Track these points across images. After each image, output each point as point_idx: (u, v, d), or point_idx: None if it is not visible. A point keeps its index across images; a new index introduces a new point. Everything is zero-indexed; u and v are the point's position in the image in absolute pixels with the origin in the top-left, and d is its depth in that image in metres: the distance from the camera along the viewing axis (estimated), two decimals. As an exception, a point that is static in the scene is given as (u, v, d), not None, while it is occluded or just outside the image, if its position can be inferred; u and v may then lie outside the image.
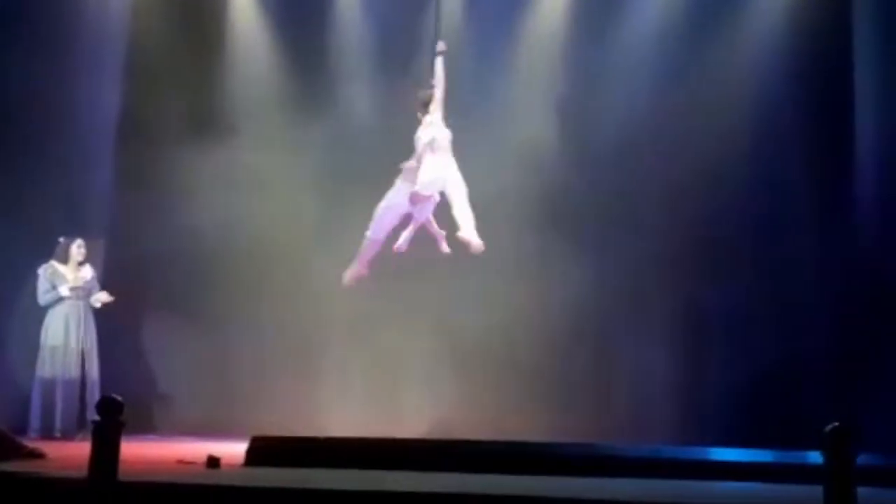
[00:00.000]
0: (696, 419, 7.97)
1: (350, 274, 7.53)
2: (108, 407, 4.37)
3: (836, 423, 4.22)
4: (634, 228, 8.29)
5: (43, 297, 7.64)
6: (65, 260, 7.73)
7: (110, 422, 4.35)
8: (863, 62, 8.07)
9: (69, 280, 7.68)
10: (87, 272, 7.78)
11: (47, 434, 7.37)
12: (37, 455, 5.80)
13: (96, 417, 4.49)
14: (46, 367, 7.55)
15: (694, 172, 8.26)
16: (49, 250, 7.76)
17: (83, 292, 7.72)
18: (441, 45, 7.30)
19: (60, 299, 7.64)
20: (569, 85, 8.56)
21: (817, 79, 8.24)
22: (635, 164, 8.39)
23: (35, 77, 7.89)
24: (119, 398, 4.42)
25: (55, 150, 8.05)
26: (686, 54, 8.44)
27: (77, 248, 7.76)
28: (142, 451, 6.12)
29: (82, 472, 4.54)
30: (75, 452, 5.66)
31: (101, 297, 7.78)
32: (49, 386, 7.52)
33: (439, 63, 7.23)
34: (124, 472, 4.53)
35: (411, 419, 8.19)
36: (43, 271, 7.67)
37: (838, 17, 8.21)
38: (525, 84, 8.61)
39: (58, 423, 7.46)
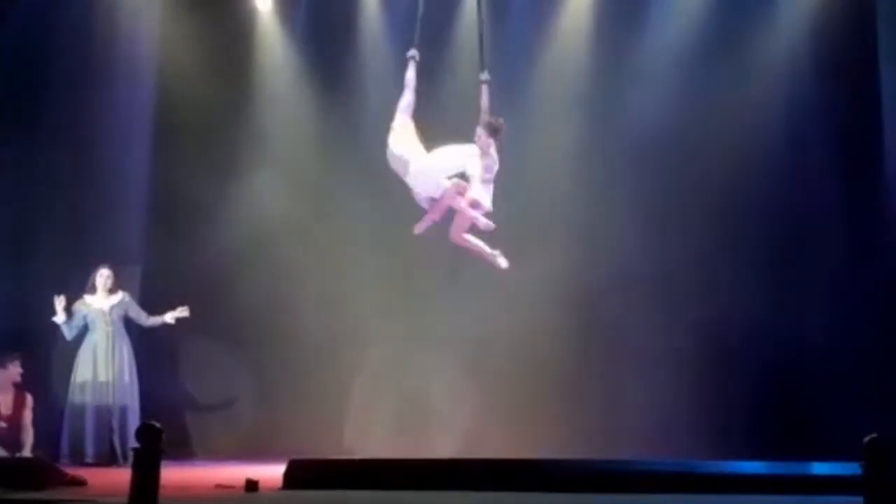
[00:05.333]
0: (727, 431, 7.90)
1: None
2: (148, 434, 4.41)
3: (875, 434, 4.19)
4: (661, 238, 8.27)
5: (65, 331, 7.70)
6: (93, 291, 7.76)
7: (150, 448, 4.39)
8: (888, 60, 8.00)
9: (95, 310, 7.69)
10: (115, 299, 7.78)
11: (77, 460, 7.40)
12: (78, 482, 5.86)
13: (135, 444, 4.53)
14: (76, 396, 7.60)
15: (720, 177, 8.23)
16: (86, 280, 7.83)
17: (111, 318, 7.71)
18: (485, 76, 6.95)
19: (86, 328, 7.68)
20: (595, 90, 8.55)
21: (844, 78, 8.20)
22: (661, 172, 8.37)
23: (69, 108, 8.10)
24: (158, 425, 4.46)
25: (89, 180, 8.21)
26: (712, 57, 8.40)
27: (100, 278, 7.75)
28: (180, 477, 6.13)
29: (122, 498, 4.58)
30: (115, 479, 5.72)
31: (175, 314, 7.80)
32: (78, 413, 7.56)
33: (485, 91, 7.01)
34: (164, 498, 4.56)
35: (442, 438, 8.19)
36: (76, 307, 7.71)
37: (863, 16, 8.17)
38: (550, 90, 8.62)
39: (88, 450, 7.50)
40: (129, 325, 7.88)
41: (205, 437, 8.52)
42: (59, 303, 7.60)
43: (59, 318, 7.63)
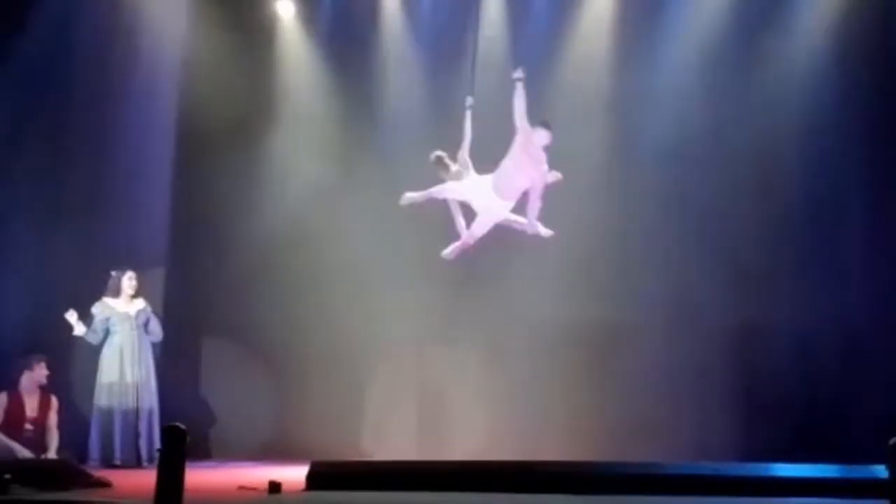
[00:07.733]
0: (751, 432, 7.84)
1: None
2: (174, 436, 4.44)
3: (901, 437, 4.17)
4: (687, 238, 8.21)
5: (90, 338, 7.75)
6: (116, 293, 7.81)
7: (175, 450, 4.42)
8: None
9: (120, 314, 7.75)
10: (139, 304, 7.84)
11: (107, 463, 7.46)
12: (103, 484, 5.91)
13: (158, 446, 4.56)
14: (104, 399, 7.64)
15: (743, 181, 8.19)
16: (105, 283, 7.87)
17: (136, 323, 7.75)
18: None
19: (108, 332, 7.71)
20: (618, 91, 8.51)
21: (868, 73, 8.11)
22: (683, 176, 8.30)
23: (92, 113, 8.19)
24: (183, 427, 4.49)
25: (113, 183, 8.27)
26: (736, 57, 8.34)
27: (128, 281, 7.79)
28: (201, 478, 6.13)
29: (147, 499, 4.61)
30: (140, 481, 5.76)
31: None
32: (107, 416, 7.60)
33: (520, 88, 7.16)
34: (188, 500, 4.59)
35: (462, 440, 8.18)
36: (96, 310, 7.75)
37: (888, 14, 8.10)
38: (570, 97, 8.59)
39: (117, 453, 7.55)
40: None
41: (223, 439, 8.55)
42: (72, 316, 7.64)
43: (79, 330, 7.67)
